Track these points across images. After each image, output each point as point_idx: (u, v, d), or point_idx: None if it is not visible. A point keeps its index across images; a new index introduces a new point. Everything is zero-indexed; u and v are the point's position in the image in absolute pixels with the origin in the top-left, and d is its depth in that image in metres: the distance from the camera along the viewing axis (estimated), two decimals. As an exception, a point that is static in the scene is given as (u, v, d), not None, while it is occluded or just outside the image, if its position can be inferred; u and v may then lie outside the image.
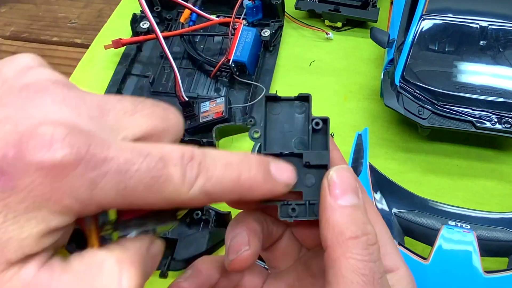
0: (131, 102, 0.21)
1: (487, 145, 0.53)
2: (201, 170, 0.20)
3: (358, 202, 0.23)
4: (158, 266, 0.46)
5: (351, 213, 0.22)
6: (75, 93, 0.20)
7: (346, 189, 0.23)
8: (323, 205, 0.23)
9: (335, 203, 0.23)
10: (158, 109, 0.22)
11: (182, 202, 0.20)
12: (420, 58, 0.52)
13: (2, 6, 0.76)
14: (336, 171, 0.24)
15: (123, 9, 0.72)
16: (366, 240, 0.22)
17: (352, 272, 0.21)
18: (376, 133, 0.55)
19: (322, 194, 0.23)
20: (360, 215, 0.23)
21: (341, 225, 0.22)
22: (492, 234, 0.42)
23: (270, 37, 0.62)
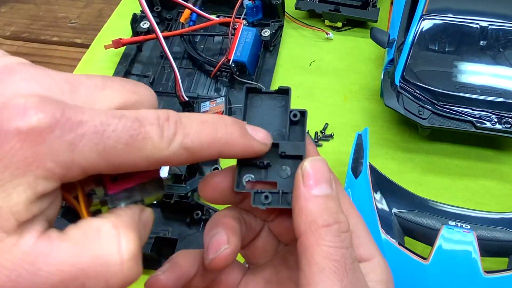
0: (100, 78, 0.22)
1: (487, 145, 0.53)
2: (178, 127, 0.21)
3: (331, 192, 0.23)
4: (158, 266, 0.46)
5: (324, 202, 0.23)
6: (43, 71, 0.20)
7: (320, 180, 0.23)
8: (296, 195, 0.23)
9: (308, 193, 0.23)
10: (128, 83, 0.22)
11: (164, 159, 0.21)
12: (420, 58, 0.52)
13: (2, 6, 0.76)
14: (310, 162, 0.24)
15: (123, 9, 0.72)
16: (338, 228, 0.22)
17: (324, 258, 0.22)
18: (376, 133, 0.55)
19: (296, 184, 0.24)
20: (333, 205, 0.23)
21: (313, 214, 0.23)
22: (492, 234, 0.42)
23: (270, 37, 0.62)
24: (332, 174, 0.24)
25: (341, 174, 0.47)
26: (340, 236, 0.22)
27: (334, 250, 0.22)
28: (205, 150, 0.22)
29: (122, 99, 0.21)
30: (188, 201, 0.48)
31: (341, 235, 0.22)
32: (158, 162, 0.21)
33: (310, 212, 0.23)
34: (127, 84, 0.22)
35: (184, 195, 0.48)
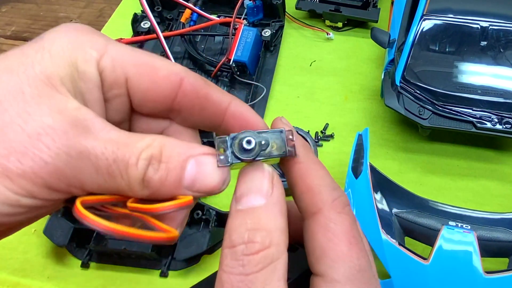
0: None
1: (488, 146, 0.53)
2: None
3: (256, 205, 0.21)
4: (158, 266, 0.47)
5: (241, 218, 0.21)
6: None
7: (246, 191, 0.22)
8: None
9: (233, 207, 0.22)
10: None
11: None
12: (421, 58, 0.52)
13: (3, 5, 0.76)
14: (243, 171, 0.22)
15: (124, 9, 0.72)
16: (243, 249, 0.20)
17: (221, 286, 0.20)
18: (377, 133, 0.55)
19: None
20: (250, 221, 0.21)
21: (229, 232, 0.21)
22: (492, 235, 0.42)
23: (270, 37, 0.62)
24: (269, 178, 0.22)
25: (342, 174, 0.47)
26: (242, 259, 0.20)
27: (226, 276, 0.20)
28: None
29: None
30: (188, 201, 0.48)
31: (243, 258, 0.20)
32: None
33: (227, 229, 0.21)
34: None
35: (184, 195, 0.48)
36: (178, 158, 0.21)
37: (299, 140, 0.24)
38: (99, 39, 0.22)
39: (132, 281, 0.47)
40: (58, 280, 0.47)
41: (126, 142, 0.20)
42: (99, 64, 0.22)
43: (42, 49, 0.21)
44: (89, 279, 0.47)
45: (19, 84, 0.20)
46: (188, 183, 0.21)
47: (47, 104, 0.20)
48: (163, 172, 0.21)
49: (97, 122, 0.20)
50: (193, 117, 0.24)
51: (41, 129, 0.19)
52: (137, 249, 0.46)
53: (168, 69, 0.23)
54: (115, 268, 0.47)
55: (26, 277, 0.47)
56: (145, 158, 0.20)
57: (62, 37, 0.22)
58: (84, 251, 0.48)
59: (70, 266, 0.48)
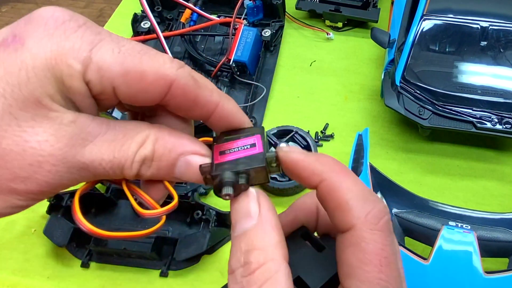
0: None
1: (488, 146, 0.53)
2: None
3: (246, 228, 0.22)
4: (158, 266, 0.47)
5: (236, 243, 0.22)
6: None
7: (236, 218, 0.22)
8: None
9: (232, 235, 0.23)
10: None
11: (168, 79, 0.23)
12: (421, 58, 0.52)
13: (3, 5, 0.76)
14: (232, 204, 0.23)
15: (124, 9, 0.72)
16: (242, 272, 0.21)
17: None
18: (377, 133, 0.55)
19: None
20: (243, 244, 0.22)
21: (229, 258, 0.22)
22: (492, 235, 0.42)
23: (270, 37, 0.62)
24: (260, 199, 0.23)
25: (342, 174, 0.47)
26: (241, 281, 0.21)
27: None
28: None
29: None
30: (188, 200, 0.48)
31: (242, 280, 0.21)
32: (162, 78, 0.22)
33: (229, 257, 0.22)
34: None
35: (184, 195, 0.48)
36: (169, 157, 0.23)
37: (313, 157, 0.23)
38: (83, 43, 0.21)
39: (132, 281, 0.47)
40: (58, 280, 0.47)
41: (122, 142, 0.22)
42: (84, 77, 0.21)
43: (25, 66, 0.20)
44: (89, 279, 0.47)
45: (9, 108, 0.20)
46: (178, 176, 0.24)
47: (42, 127, 0.20)
48: (154, 170, 0.23)
49: (92, 129, 0.21)
50: (180, 113, 0.25)
51: (41, 156, 0.20)
52: (137, 249, 0.46)
53: (157, 73, 0.22)
54: (115, 268, 0.47)
55: (26, 277, 0.47)
56: (138, 161, 0.22)
57: (43, 46, 0.20)
58: (84, 251, 0.48)
59: (70, 266, 0.48)
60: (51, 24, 0.21)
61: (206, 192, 0.51)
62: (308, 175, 0.23)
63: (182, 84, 0.23)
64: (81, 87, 0.21)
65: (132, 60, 0.22)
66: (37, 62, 0.20)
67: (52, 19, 0.21)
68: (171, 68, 0.22)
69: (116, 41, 0.22)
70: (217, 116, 0.24)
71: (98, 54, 0.21)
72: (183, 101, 0.23)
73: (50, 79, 0.20)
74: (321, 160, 0.23)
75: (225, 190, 0.22)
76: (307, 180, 0.23)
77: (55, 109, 0.20)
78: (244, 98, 0.58)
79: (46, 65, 0.20)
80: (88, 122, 0.21)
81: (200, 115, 0.24)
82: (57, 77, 0.20)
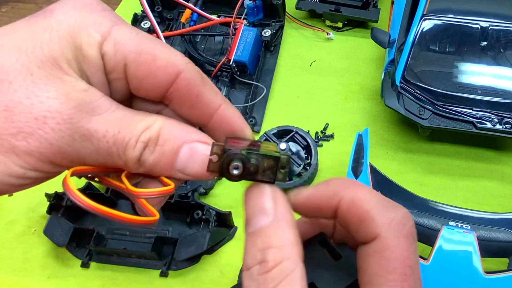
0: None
1: (488, 146, 0.53)
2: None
3: (262, 225, 0.22)
4: (158, 266, 0.47)
5: (251, 240, 0.22)
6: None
7: (250, 214, 0.22)
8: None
9: (246, 232, 0.22)
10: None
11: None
12: (421, 58, 0.52)
13: (3, 5, 0.76)
14: (245, 194, 0.23)
15: (124, 9, 0.72)
16: (258, 269, 0.21)
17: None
18: (377, 134, 0.55)
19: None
20: (259, 241, 0.21)
21: (244, 256, 0.22)
22: (492, 235, 0.42)
23: (270, 37, 0.62)
24: (272, 196, 0.22)
25: (342, 174, 0.47)
26: (257, 279, 0.21)
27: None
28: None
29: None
30: (188, 201, 0.48)
31: (258, 278, 0.21)
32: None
33: (244, 253, 0.22)
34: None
35: (184, 195, 0.48)
36: (173, 142, 0.23)
37: (325, 183, 0.23)
38: (105, 20, 0.22)
39: (132, 281, 0.47)
40: (58, 280, 0.47)
41: (128, 122, 0.22)
42: (101, 48, 0.22)
43: (50, 29, 0.21)
44: (89, 279, 0.47)
45: (27, 64, 0.20)
46: (180, 166, 0.23)
47: (55, 86, 0.20)
48: (157, 155, 0.22)
49: (102, 103, 0.21)
50: (182, 111, 0.25)
51: (48, 112, 0.20)
52: (137, 249, 0.46)
53: (167, 59, 0.23)
54: (115, 268, 0.47)
55: (26, 277, 0.48)
56: (142, 141, 0.22)
57: (70, 16, 0.22)
58: (84, 251, 0.48)
59: (70, 266, 0.48)
60: (79, 3, 0.22)
61: (206, 192, 0.51)
62: (326, 201, 0.23)
63: (189, 76, 0.23)
64: (96, 58, 0.22)
65: (147, 43, 0.22)
66: (61, 27, 0.21)
67: (81, 1, 0.23)
68: (181, 60, 0.23)
69: (133, 27, 0.23)
70: (218, 118, 0.24)
71: (117, 31, 0.22)
72: (187, 96, 0.23)
73: (70, 44, 0.21)
74: (331, 182, 0.24)
75: (235, 162, 0.22)
76: (326, 208, 0.23)
77: (70, 74, 0.21)
78: (244, 98, 0.58)
79: (69, 31, 0.21)
80: (99, 96, 0.21)
81: (201, 115, 0.24)
82: (76, 43, 0.21)
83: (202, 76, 0.24)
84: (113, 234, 0.48)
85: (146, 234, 0.48)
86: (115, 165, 0.22)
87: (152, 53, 0.22)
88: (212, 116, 0.24)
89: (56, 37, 0.21)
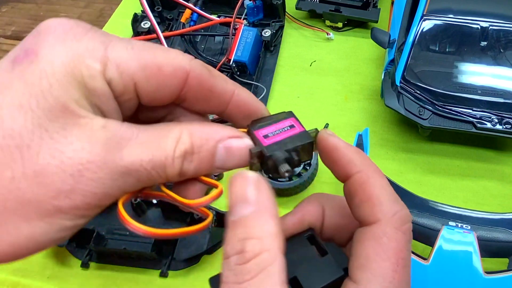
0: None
1: (488, 146, 0.53)
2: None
3: (243, 214, 0.21)
4: (158, 266, 0.47)
5: (232, 229, 0.22)
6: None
7: (233, 202, 0.22)
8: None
9: (228, 219, 0.22)
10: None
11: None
12: (421, 58, 0.52)
13: (3, 5, 0.76)
14: (231, 180, 0.23)
15: (124, 9, 0.72)
16: (237, 259, 0.21)
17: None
18: (377, 134, 0.55)
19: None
20: (240, 231, 0.21)
21: (224, 243, 0.22)
22: (492, 235, 0.42)
23: (271, 37, 0.62)
24: (256, 185, 0.22)
25: (342, 174, 0.47)
26: (235, 269, 0.20)
27: (223, 287, 0.20)
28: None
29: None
30: (188, 201, 0.48)
31: (235, 268, 0.20)
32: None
33: (224, 241, 0.22)
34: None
35: (184, 195, 0.48)
36: (208, 145, 0.23)
37: (354, 149, 0.24)
38: (95, 43, 0.21)
39: (132, 281, 0.47)
40: (58, 280, 0.47)
41: (158, 142, 0.21)
42: (105, 76, 0.21)
43: (45, 75, 0.20)
44: (89, 279, 0.47)
45: (38, 121, 0.19)
46: (220, 164, 0.23)
47: (75, 135, 0.19)
48: (197, 162, 0.23)
49: (124, 132, 0.21)
50: (197, 107, 0.25)
51: (80, 165, 0.19)
52: (137, 249, 0.46)
53: (173, 64, 0.22)
54: (115, 268, 0.47)
55: (26, 277, 0.47)
56: (179, 156, 0.22)
57: (58, 52, 0.20)
58: (84, 251, 0.48)
59: (70, 266, 0.48)
60: (60, 31, 0.21)
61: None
62: (346, 163, 0.24)
63: (198, 74, 0.23)
64: (104, 88, 0.21)
65: (146, 54, 0.22)
66: (56, 68, 0.20)
67: (60, 26, 0.21)
68: (185, 60, 0.23)
69: (125, 40, 0.22)
70: (234, 104, 0.25)
71: (113, 52, 0.21)
72: (200, 92, 0.23)
73: (72, 83, 0.20)
74: (360, 153, 0.24)
75: (283, 168, 0.23)
76: (342, 168, 0.24)
77: (84, 115, 0.20)
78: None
79: (66, 69, 0.20)
80: (118, 127, 0.21)
81: (218, 105, 0.25)
82: (78, 80, 0.20)
83: (209, 69, 0.24)
84: (113, 234, 0.48)
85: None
86: (156, 184, 0.22)
87: (156, 63, 0.22)
88: (228, 103, 0.25)
89: (55, 81, 0.20)
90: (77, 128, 0.20)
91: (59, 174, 0.19)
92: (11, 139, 0.19)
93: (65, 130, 0.19)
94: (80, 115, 0.20)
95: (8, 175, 0.19)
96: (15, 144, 0.19)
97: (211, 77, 0.24)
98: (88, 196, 0.20)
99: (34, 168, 0.19)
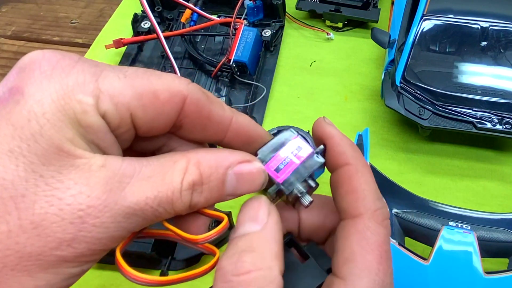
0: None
1: (488, 146, 0.53)
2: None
3: (247, 231, 0.21)
4: (158, 266, 0.47)
5: (231, 243, 0.21)
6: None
7: (241, 221, 0.22)
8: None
9: (232, 235, 0.22)
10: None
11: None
12: (421, 58, 0.52)
13: (3, 5, 0.76)
14: (244, 204, 0.23)
15: (124, 9, 0.72)
16: (233, 269, 0.20)
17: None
18: (377, 134, 0.55)
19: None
20: (241, 243, 0.21)
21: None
22: (492, 235, 0.42)
23: (271, 37, 0.62)
24: (262, 204, 0.22)
25: (342, 174, 0.47)
26: (231, 280, 0.20)
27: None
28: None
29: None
30: (188, 201, 0.48)
31: (232, 279, 0.20)
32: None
33: (221, 257, 0.21)
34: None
35: (184, 195, 0.48)
36: (217, 173, 0.21)
37: (348, 141, 0.25)
38: (85, 75, 0.19)
39: (132, 281, 0.47)
40: (58, 280, 0.47)
41: (162, 176, 0.20)
42: (99, 110, 0.19)
43: (34, 116, 0.18)
44: (89, 279, 0.47)
45: (31, 166, 0.17)
46: (230, 191, 0.22)
47: (73, 179, 0.18)
48: (207, 193, 0.21)
49: (125, 169, 0.19)
50: (194, 135, 0.23)
51: (81, 211, 0.18)
52: (137, 249, 0.45)
53: (169, 90, 0.21)
54: (115, 268, 0.47)
55: (26, 277, 0.47)
56: (187, 189, 0.20)
57: (45, 90, 0.18)
58: (84, 251, 0.48)
59: (70, 266, 0.48)
60: (46, 66, 0.19)
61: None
62: (339, 153, 0.24)
63: (195, 99, 0.21)
64: (98, 122, 0.19)
65: (141, 81, 0.20)
66: (45, 107, 0.18)
67: (45, 61, 0.19)
68: (181, 84, 0.21)
69: (117, 68, 0.20)
70: (233, 131, 0.23)
71: (105, 83, 0.19)
72: (198, 118, 0.22)
73: (64, 122, 0.18)
74: (353, 146, 0.25)
75: (307, 200, 0.23)
76: (334, 157, 0.24)
77: (80, 155, 0.18)
78: (244, 98, 0.58)
79: (56, 107, 0.18)
80: (118, 163, 0.19)
81: (216, 133, 0.23)
82: (71, 117, 0.18)
83: (206, 93, 0.22)
84: (113, 234, 0.48)
85: (146, 234, 0.48)
86: (163, 219, 0.21)
87: (152, 90, 0.20)
88: (227, 131, 0.23)
89: (46, 122, 0.18)
90: (74, 170, 0.18)
91: (58, 223, 0.18)
92: (3, 189, 0.17)
93: (61, 173, 0.18)
94: (76, 155, 0.18)
95: (4, 229, 0.17)
96: (8, 194, 0.17)
97: (209, 103, 0.22)
98: (92, 243, 0.19)
99: (31, 218, 0.17)
